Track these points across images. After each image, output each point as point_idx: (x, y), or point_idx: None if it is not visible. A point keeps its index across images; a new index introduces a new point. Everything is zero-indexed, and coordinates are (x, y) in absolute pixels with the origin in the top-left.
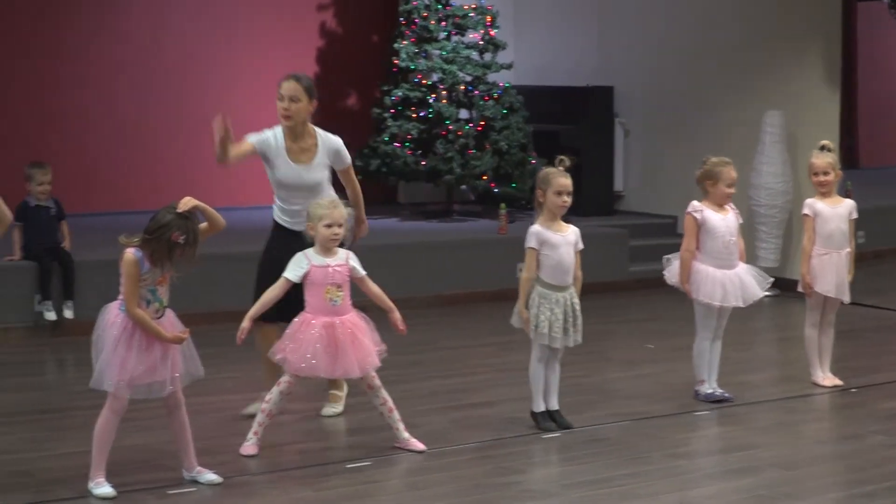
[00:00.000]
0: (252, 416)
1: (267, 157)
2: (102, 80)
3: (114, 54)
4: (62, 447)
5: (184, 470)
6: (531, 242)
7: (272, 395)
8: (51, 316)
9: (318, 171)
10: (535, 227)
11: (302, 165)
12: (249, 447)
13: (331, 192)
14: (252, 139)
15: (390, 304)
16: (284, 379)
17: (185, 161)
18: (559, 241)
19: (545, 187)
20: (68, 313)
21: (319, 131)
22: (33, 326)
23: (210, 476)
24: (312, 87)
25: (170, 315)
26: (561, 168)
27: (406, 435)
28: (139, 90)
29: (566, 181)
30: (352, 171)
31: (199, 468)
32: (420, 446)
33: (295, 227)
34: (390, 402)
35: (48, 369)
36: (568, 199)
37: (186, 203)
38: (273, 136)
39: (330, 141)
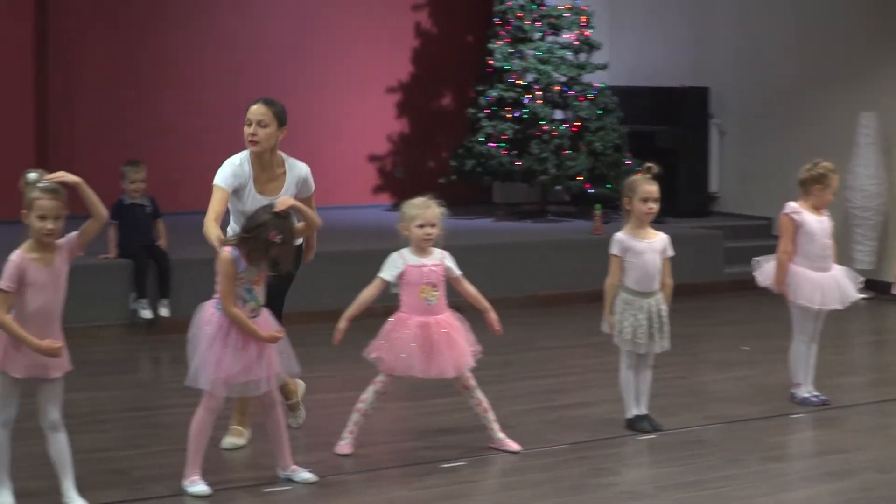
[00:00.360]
0: (230, 450)
1: (237, 190)
2: (194, 80)
3: (204, 54)
4: (157, 445)
5: (279, 469)
6: (614, 249)
7: (367, 394)
8: (146, 314)
9: None
10: (619, 235)
11: (268, 197)
12: (344, 446)
13: (294, 220)
14: (223, 184)
15: (486, 304)
16: (379, 378)
17: None
18: (644, 248)
19: (631, 195)
20: (164, 311)
21: (288, 159)
22: (129, 324)
23: (305, 475)
24: (283, 114)
25: (265, 314)
26: (648, 175)
27: (501, 435)
28: (230, 89)
29: (652, 188)
30: (313, 200)
31: (294, 467)
32: (515, 447)
33: None
34: (485, 403)
35: (143, 367)
36: (654, 206)
37: (284, 203)
38: (241, 164)
39: (298, 169)
